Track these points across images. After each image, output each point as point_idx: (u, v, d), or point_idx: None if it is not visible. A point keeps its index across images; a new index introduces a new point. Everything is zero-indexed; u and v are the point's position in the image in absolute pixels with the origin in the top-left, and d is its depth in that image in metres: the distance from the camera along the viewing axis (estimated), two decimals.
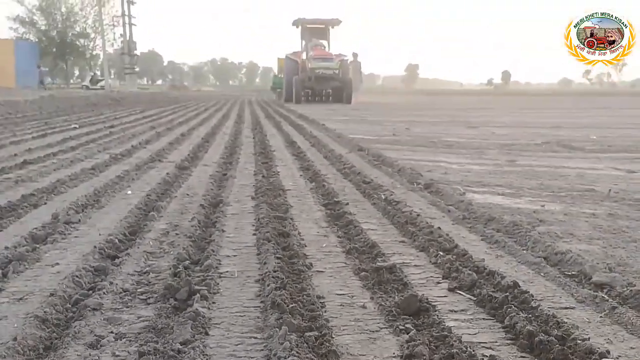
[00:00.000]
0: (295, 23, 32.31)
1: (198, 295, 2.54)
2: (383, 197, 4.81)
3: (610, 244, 3.53)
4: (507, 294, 2.60)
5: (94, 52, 68.69)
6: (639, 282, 2.77)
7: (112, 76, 76.38)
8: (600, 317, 2.44)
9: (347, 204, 4.66)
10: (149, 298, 2.64)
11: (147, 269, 3.04)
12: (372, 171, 6.42)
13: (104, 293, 2.63)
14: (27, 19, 63.53)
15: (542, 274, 2.98)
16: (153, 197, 4.85)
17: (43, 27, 64.23)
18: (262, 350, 2.14)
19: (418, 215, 4.15)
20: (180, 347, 2.09)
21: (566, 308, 2.54)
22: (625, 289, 2.65)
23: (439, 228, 3.73)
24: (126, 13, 52.66)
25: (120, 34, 56.37)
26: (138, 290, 2.73)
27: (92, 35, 65.83)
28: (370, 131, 12.07)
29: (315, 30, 31.76)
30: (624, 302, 2.55)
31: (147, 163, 6.89)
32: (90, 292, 2.69)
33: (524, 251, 3.34)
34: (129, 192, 5.09)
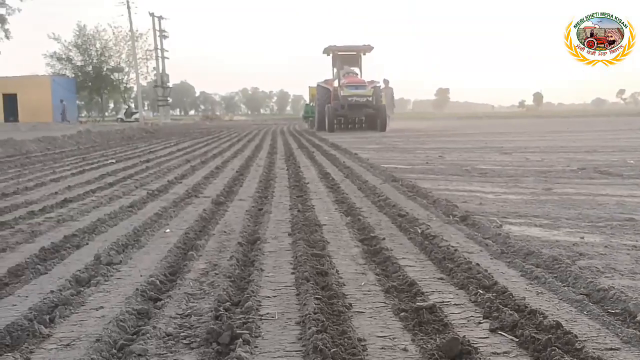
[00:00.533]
0: (327, 51, 31.66)
1: (240, 339, 2.57)
2: (419, 231, 4.80)
3: None
4: (550, 334, 2.58)
5: (128, 85, 70.11)
6: None
7: (146, 108, 77.74)
8: None
9: (384, 239, 4.66)
10: (192, 342, 2.67)
11: (189, 311, 3.08)
12: (407, 203, 6.42)
13: (147, 338, 2.68)
14: (63, 56, 65.20)
15: (584, 312, 2.94)
16: (191, 235, 4.92)
17: (79, 63, 65.84)
18: None
19: (455, 250, 4.13)
20: None
21: (611, 349, 2.50)
22: None
23: (478, 264, 3.72)
24: (159, 47, 53.74)
25: (153, 67, 57.60)
26: (181, 334, 2.77)
27: (126, 69, 67.21)
28: (403, 160, 12.07)
29: (346, 58, 31.18)
30: None
31: (183, 199, 6.98)
32: (135, 336, 2.74)
33: (565, 287, 3.29)
34: (168, 230, 5.17)
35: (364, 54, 31.59)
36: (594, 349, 2.46)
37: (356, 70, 31.02)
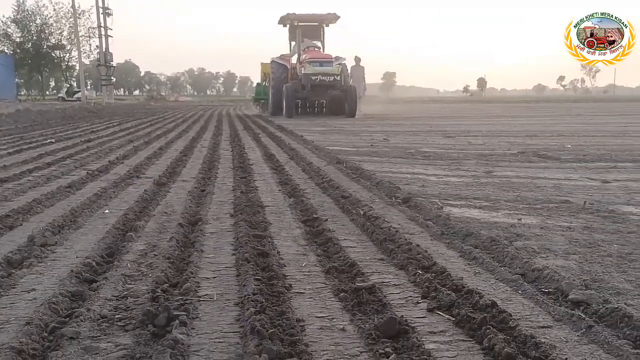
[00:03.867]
0: (283, 20, 26.77)
1: (177, 321, 2.53)
2: (362, 212, 4.82)
3: (587, 258, 3.56)
4: (486, 314, 2.62)
5: (70, 64, 68.22)
6: (614, 299, 2.80)
7: (89, 87, 75.88)
8: (577, 336, 2.47)
9: (326, 220, 4.67)
10: (127, 324, 2.61)
11: (125, 293, 3.01)
12: (351, 185, 6.44)
13: (81, 320, 2.61)
14: (0, 32, 62.97)
15: (519, 291, 3.00)
16: (131, 215, 4.82)
17: (18, 40, 63.69)
18: None
19: (397, 231, 4.16)
20: None
21: (544, 327, 2.56)
22: (601, 306, 2.68)
23: (418, 245, 3.75)
24: (102, 25, 52.36)
25: (97, 46, 56.10)
26: (116, 316, 2.71)
27: (68, 47, 65.36)
28: (349, 142, 12.09)
29: (307, 29, 26.15)
30: (600, 320, 2.58)
31: (124, 180, 6.84)
32: (67, 319, 2.66)
33: (502, 268, 3.36)
34: (107, 211, 5.05)
35: (327, 25, 27.02)
36: (527, 327, 2.51)
37: (318, 44, 26.57)
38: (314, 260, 3.62)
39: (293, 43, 26.50)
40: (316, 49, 25.88)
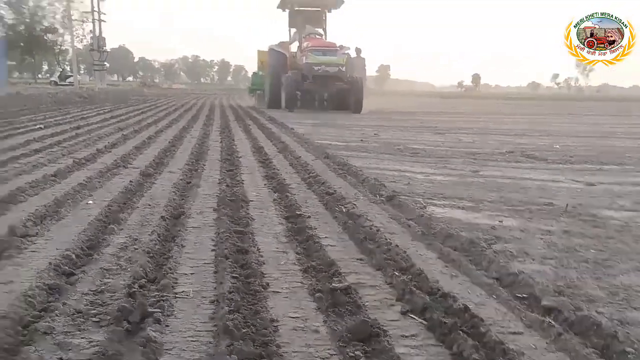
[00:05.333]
0: (283, 4, 24.66)
1: (151, 318, 2.55)
2: (344, 210, 4.84)
3: (563, 263, 3.60)
4: (458, 318, 2.65)
5: (63, 48, 67.85)
6: (585, 306, 2.84)
7: (82, 72, 75.50)
8: (547, 343, 2.50)
9: (309, 217, 4.69)
10: (101, 320, 2.63)
11: (103, 287, 3.03)
12: (337, 181, 6.45)
13: (56, 315, 2.62)
14: None
15: (493, 296, 3.03)
16: (114, 207, 4.82)
17: (10, 22, 63.28)
18: None
19: (378, 230, 4.19)
20: None
21: (514, 333, 2.59)
22: (571, 314, 2.71)
23: (397, 246, 3.78)
24: (95, 9, 51.98)
25: (90, 30, 55.74)
26: (91, 311, 2.72)
27: (61, 31, 64.99)
28: (339, 136, 12.11)
29: (308, 15, 24.31)
30: (570, 328, 2.61)
31: (110, 169, 6.83)
32: (42, 313, 2.67)
33: (478, 271, 3.39)
34: (90, 202, 5.05)
35: (330, 11, 24.93)
36: (497, 332, 2.54)
37: (320, 31, 24.58)
38: (293, 258, 3.64)
39: (293, 30, 24.73)
40: (317, 36, 23.98)
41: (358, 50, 26.57)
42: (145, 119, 16.08)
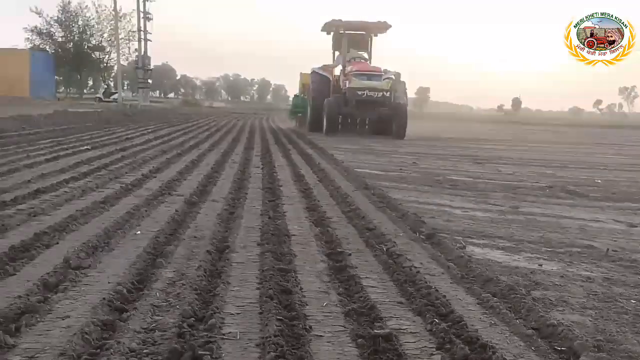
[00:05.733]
0: (328, 27, 24.55)
1: None
2: (385, 249, 4.93)
3: (602, 315, 3.63)
4: None
5: (109, 64, 69.59)
6: None
7: (125, 87, 77.15)
8: None
9: (350, 254, 4.78)
10: None
11: (154, 325, 3.16)
12: (376, 215, 6.53)
13: (111, 353, 2.76)
14: (44, 30, 64.53)
15: (532, 348, 3.08)
16: (161, 239, 4.99)
17: (60, 39, 65.17)
18: None
19: (418, 272, 4.26)
20: None
21: None
22: None
23: (437, 290, 3.84)
24: (142, 28, 53.24)
25: (135, 49, 57.10)
26: (144, 350, 2.85)
27: (108, 49, 66.66)
28: (377, 165, 12.20)
29: (354, 38, 24.17)
30: None
31: (157, 197, 7.03)
32: (98, 350, 2.82)
33: (517, 320, 3.44)
34: (138, 232, 5.23)
35: (376, 35, 24.67)
36: None
37: (365, 55, 24.43)
38: (335, 299, 3.74)
39: (337, 53, 24.75)
40: (362, 60, 23.82)
41: (397, 75, 25.56)
42: (187, 140, 16.41)
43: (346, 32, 24.08)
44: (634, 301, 3.93)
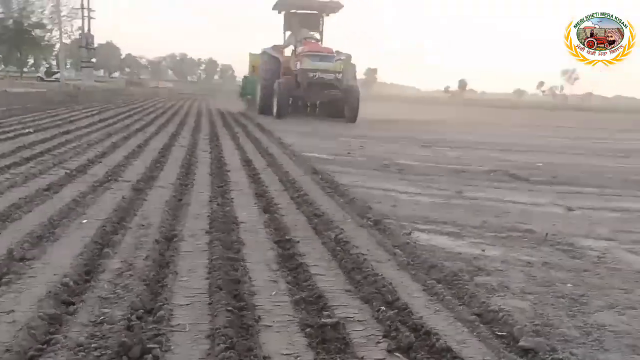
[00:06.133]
0: (279, 6, 23.75)
1: (150, 355, 2.69)
2: (333, 236, 4.99)
3: (541, 299, 3.78)
4: (441, 357, 2.81)
5: (50, 42, 67.64)
6: (560, 347, 3.01)
7: (68, 66, 75.16)
8: None
9: (299, 242, 4.83)
10: (102, 355, 2.76)
11: (102, 318, 3.15)
12: (325, 201, 6.59)
13: (58, 348, 2.75)
14: None
15: (475, 333, 3.19)
16: (108, 228, 4.93)
17: None
18: None
19: (365, 259, 4.33)
20: None
21: None
22: (547, 355, 2.88)
23: (383, 277, 3.92)
24: (85, 6, 51.83)
25: (79, 27, 55.59)
26: (92, 345, 2.85)
27: (49, 26, 64.73)
28: (325, 148, 12.26)
29: (305, 18, 23.37)
30: None
31: (102, 183, 6.93)
32: (45, 346, 2.80)
33: (461, 307, 3.55)
34: (85, 220, 5.16)
35: (328, 15, 24.09)
36: None
37: (316, 35, 23.76)
38: (284, 288, 3.78)
39: (288, 33, 23.91)
40: (314, 41, 23.06)
41: (348, 57, 24.88)
42: (133, 123, 16.15)
43: (298, 11, 23.49)
44: (570, 285, 4.11)
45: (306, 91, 21.08)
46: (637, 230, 6.00)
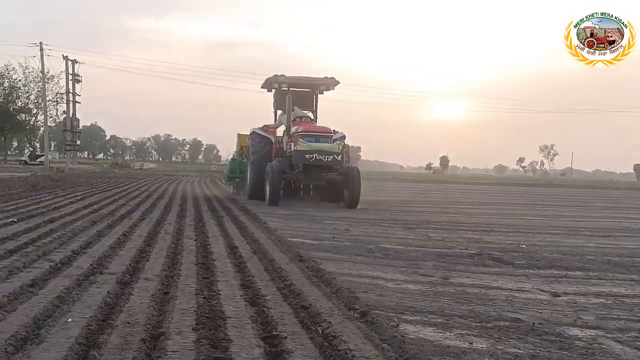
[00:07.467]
0: (269, 84, 22.46)
1: None
2: (320, 331, 4.98)
3: None
4: None
5: (35, 125, 68.19)
6: None
7: (52, 148, 75.58)
8: None
9: (286, 337, 4.81)
10: None
11: None
12: (311, 291, 6.58)
13: None
14: None
15: None
16: (94, 326, 4.89)
17: None
18: None
19: (353, 356, 4.32)
20: None
21: None
22: None
23: None
24: (71, 90, 52.58)
25: (63, 111, 56.21)
26: None
27: (34, 111, 65.44)
28: (311, 232, 12.31)
29: (297, 96, 21.66)
30: None
31: (88, 276, 6.89)
32: None
33: None
34: (69, 319, 5.11)
35: (322, 92, 22.80)
36: None
37: (310, 114, 22.42)
38: None
39: (279, 112, 22.41)
40: (309, 120, 21.68)
41: (342, 137, 22.87)
42: (117, 209, 16.13)
43: (290, 88, 21.95)
44: None
45: (302, 174, 19.68)
46: (622, 317, 6.04)
